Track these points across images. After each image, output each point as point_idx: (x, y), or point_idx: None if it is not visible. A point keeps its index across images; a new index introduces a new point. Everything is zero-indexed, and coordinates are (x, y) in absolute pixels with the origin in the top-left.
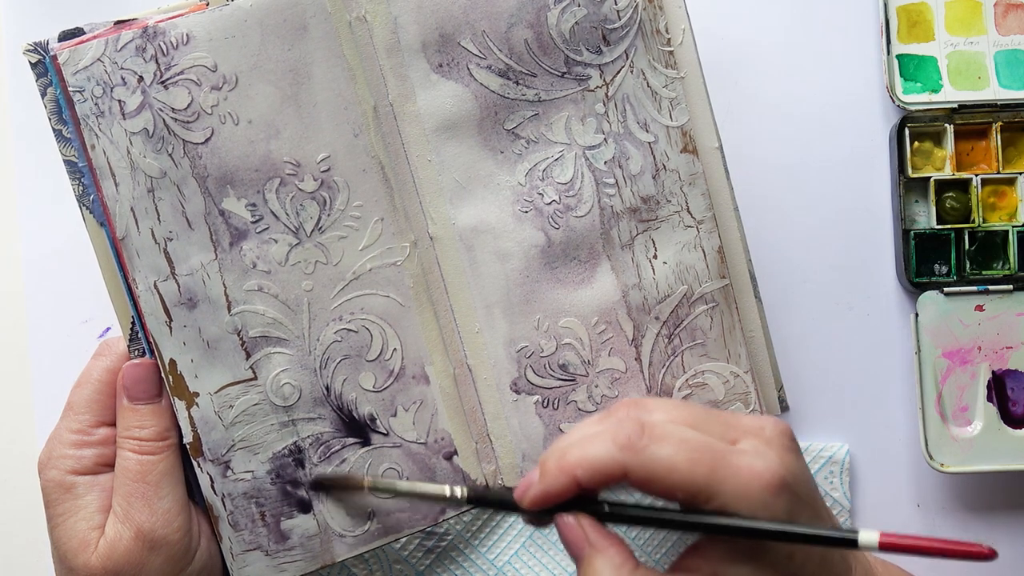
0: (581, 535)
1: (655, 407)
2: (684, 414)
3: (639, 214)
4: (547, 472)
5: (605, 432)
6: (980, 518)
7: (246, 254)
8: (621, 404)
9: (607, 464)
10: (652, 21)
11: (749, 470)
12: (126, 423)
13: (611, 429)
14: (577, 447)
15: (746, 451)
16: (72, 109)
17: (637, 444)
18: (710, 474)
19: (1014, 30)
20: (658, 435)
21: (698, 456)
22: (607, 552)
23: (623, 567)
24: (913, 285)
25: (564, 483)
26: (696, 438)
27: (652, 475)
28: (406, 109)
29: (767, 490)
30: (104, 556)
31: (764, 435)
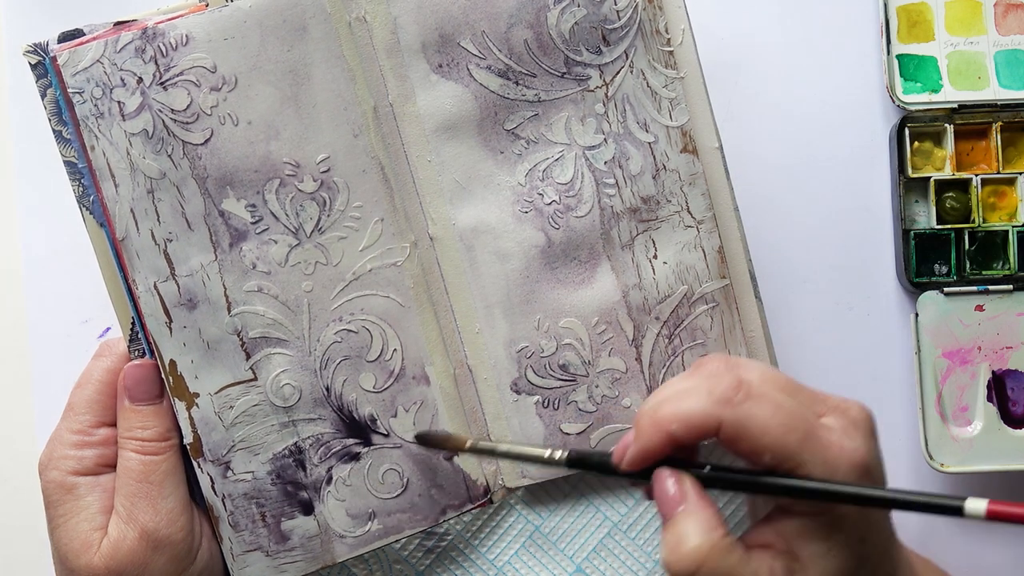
0: (678, 494)
1: (750, 367)
2: (778, 378)
3: (639, 214)
4: (642, 430)
5: (700, 386)
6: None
7: (246, 255)
8: (712, 359)
9: (701, 417)
10: (652, 21)
11: (839, 447)
12: (128, 424)
13: (707, 383)
14: (670, 402)
15: (834, 428)
16: (72, 110)
17: (734, 399)
18: (802, 442)
19: (1014, 30)
20: (756, 394)
21: (792, 423)
22: (701, 514)
23: (714, 532)
24: (913, 285)
25: (659, 440)
26: (791, 404)
27: (745, 433)
28: (406, 109)
29: (853, 469)
30: (107, 556)
31: (850, 415)
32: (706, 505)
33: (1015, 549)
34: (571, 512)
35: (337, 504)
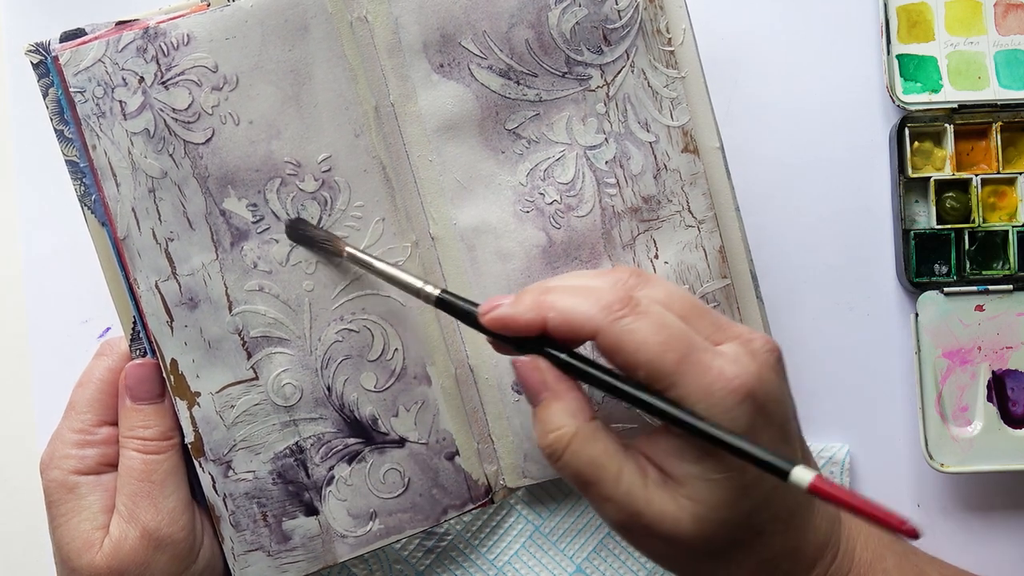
0: (539, 379)
1: (654, 284)
2: (679, 302)
3: (640, 214)
4: (521, 301)
5: (593, 290)
6: (980, 518)
7: (247, 254)
8: (625, 269)
9: (580, 321)
10: (653, 21)
11: (718, 371)
12: (130, 423)
13: (599, 289)
14: (561, 293)
15: (724, 354)
16: (73, 109)
17: (617, 312)
18: (677, 363)
19: (1014, 30)
20: (641, 310)
21: (672, 343)
22: (565, 397)
23: (579, 415)
24: (913, 285)
25: (531, 319)
26: (676, 326)
27: (620, 346)
28: (407, 109)
29: (730, 395)
30: (109, 556)
31: (751, 345)
32: (568, 389)
33: (1016, 549)
34: (571, 512)
35: (338, 504)
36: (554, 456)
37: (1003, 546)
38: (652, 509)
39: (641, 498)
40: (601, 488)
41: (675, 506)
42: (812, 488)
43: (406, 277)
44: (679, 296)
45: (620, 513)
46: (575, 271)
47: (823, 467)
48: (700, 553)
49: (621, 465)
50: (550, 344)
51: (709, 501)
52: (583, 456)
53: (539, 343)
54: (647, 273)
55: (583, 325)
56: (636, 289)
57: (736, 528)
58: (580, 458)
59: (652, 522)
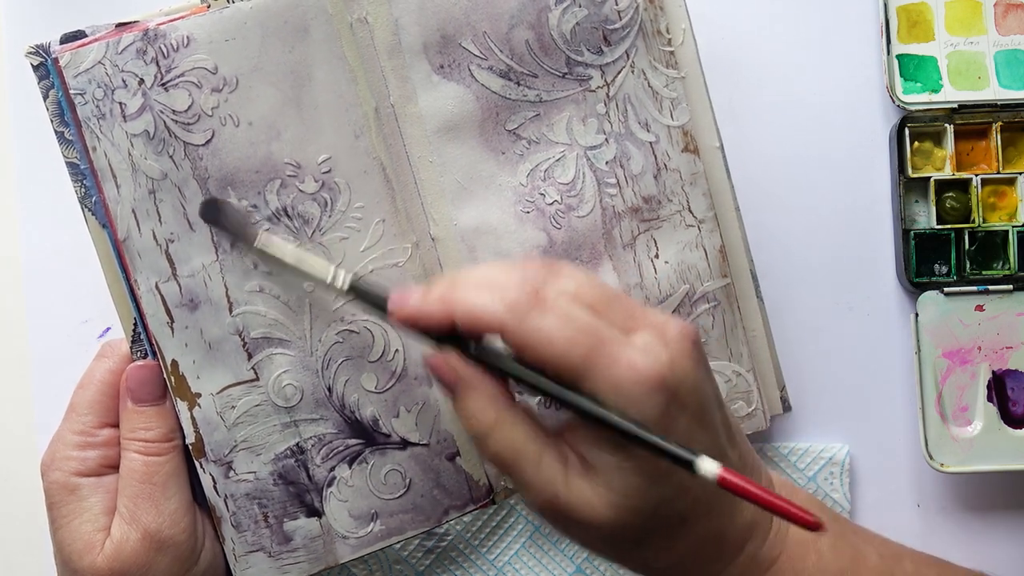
0: (451, 373)
1: (565, 277)
2: (590, 293)
3: (640, 214)
4: (429, 299)
5: (499, 287)
6: (980, 518)
7: (247, 255)
8: (535, 262)
9: (486, 319)
10: (653, 21)
11: (628, 362)
12: (131, 425)
13: (506, 286)
14: (468, 289)
15: (634, 344)
16: (74, 111)
17: (522, 310)
18: (586, 358)
19: (1014, 30)
20: (548, 307)
21: (579, 338)
22: (480, 386)
23: (497, 401)
24: (913, 285)
25: (438, 316)
26: (584, 320)
27: (527, 344)
28: (407, 110)
29: (640, 385)
30: (110, 558)
31: (665, 335)
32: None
33: (1016, 549)
34: None
35: (339, 505)
36: (477, 442)
37: (1003, 546)
38: (571, 496)
39: (560, 484)
40: (522, 473)
41: (591, 493)
42: (719, 481)
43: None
44: (590, 287)
45: (540, 498)
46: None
47: (823, 467)
48: (620, 540)
49: (541, 451)
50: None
51: (624, 489)
52: (503, 442)
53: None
54: (559, 264)
55: (488, 322)
56: (545, 283)
57: (653, 515)
58: (500, 444)
59: (570, 509)
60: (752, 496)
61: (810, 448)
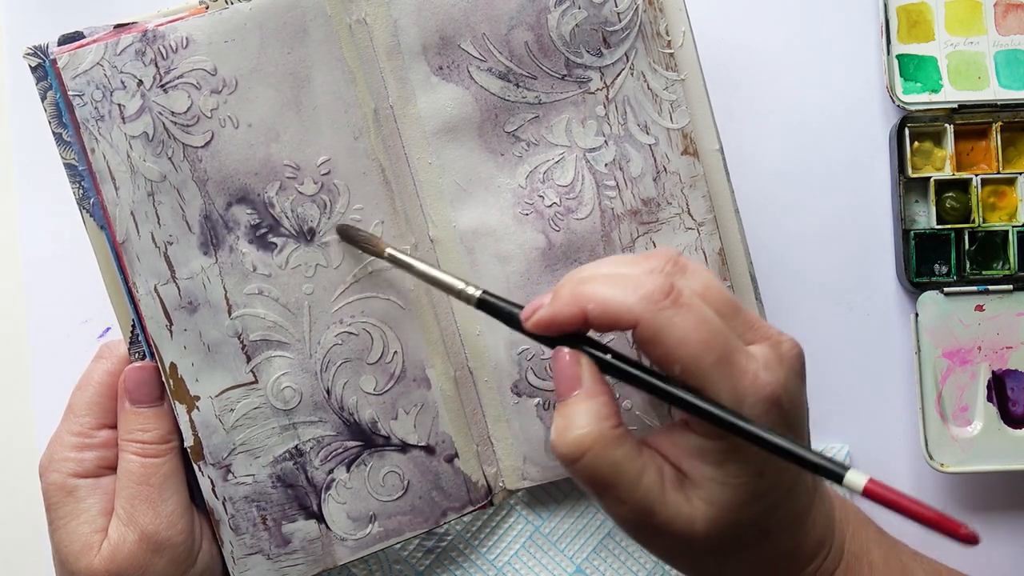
0: (576, 374)
1: (692, 274)
2: (716, 294)
3: (640, 216)
4: (559, 298)
5: (632, 278)
6: (980, 518)
7: (246, 258)
8: (662, 252)
9: (621, 311)
10: (652, 23)
11: (753, 376)
12: (128, 426)
13: (639, 278)
14: (598, 282)
15: (757, 357)
16: (72, 113)
17: (660, 303)
18: (716, 363)
19: (1014, 30)
20: (683, 303)
21: (712, 341)
22: (597, 399)
23: (605, 421)
24: (913, 285)
25: (572, 313)
26: (717, 324)
27: (660, 339)
28: (406, 112)
29: (762, 402)
30: (107, 559)
31: (780, 349)
32: (602, 392)
33: (1016, 549)
34: (571, 513)
35: (338, 507)
36: (572, 456)
37: (1003, 546)
38: (667, 511)
39: (658, 500)
40: (619, 492)
41: (689, 508)
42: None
43: (446, 278)
44: (716, 290)
45: (634, 514)
46: (610, 256)
47: None
48: (707, 552)
49: (642, 469)
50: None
51: (725, 504)
52: (605, 460)
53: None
54: (684, 259)
55: (623, 316)
56: (675, 277)
57: (746, 529)
58: (602, 461)
59: (665, 523)
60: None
61: None
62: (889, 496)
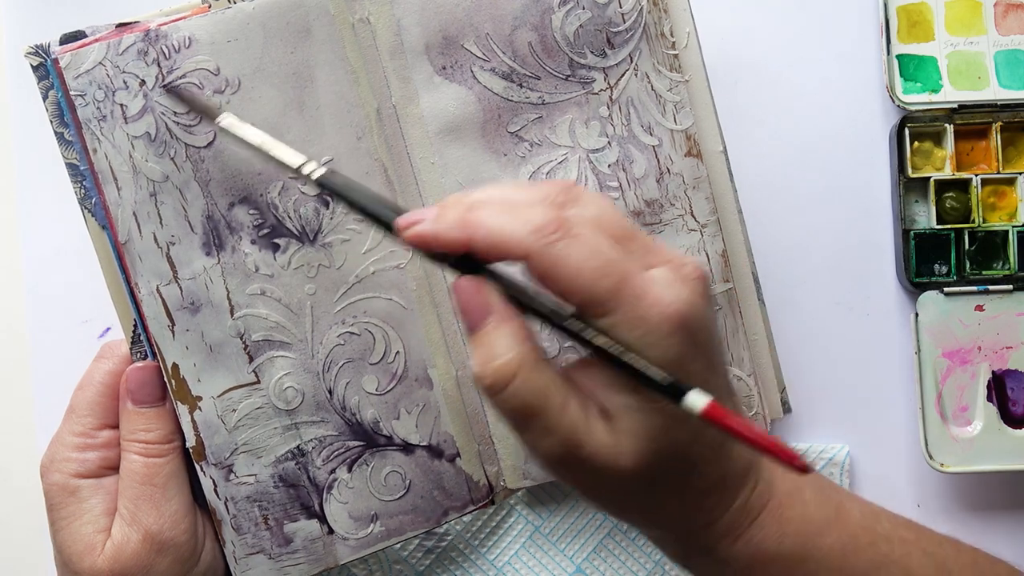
0: (485, 300)
1: (585, 202)
2: (611, 221)
3: (643, 217)
4: (444, 218)
5: (523, 208)
6: (980, 518)
7: (248, 258)
8: (557, 186)
9: (511, 244)
10: (657, 24)
11: (654, 297)
12: (131, 426)
13: (530, 209)
14: (489, 210)
15: (657, 279)
16: (74, 113)
17: (548, 235)
18: (613, 290)
19: (1014, 30)
20: (574, 233)
21: (607, 268)
22: (512, 323)
23: (528, 343)
24: (913, 285)
25: (456, 238)
26: (610, 251)
27: (554, 272)
28: (409, 111)
29: (666, 322)
30: (111, 559)
31: (681, 271)
32: (514, 315)
33: (1016, 549)
34: (571, 512)
35: (340, 506)
36: (497, 386)
37: (1003, 546)
38: (593, 441)
39: (583, 430)
40: (546, 420)
41: (613, 439)
42: (705, 414)
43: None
44: (610, 216)
45: (560, 447)
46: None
47: (823, 468)
48: (634, 488)
49: (566, 396)
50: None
51: (645, 432)
52: (531, 385)
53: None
54: (578, 188)
55: (513, 248)
56: (567, 207)
57: (671, 459)
58: (528, 387)
59: (591, 455)
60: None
61: (810, 449)
62: (727, 421)
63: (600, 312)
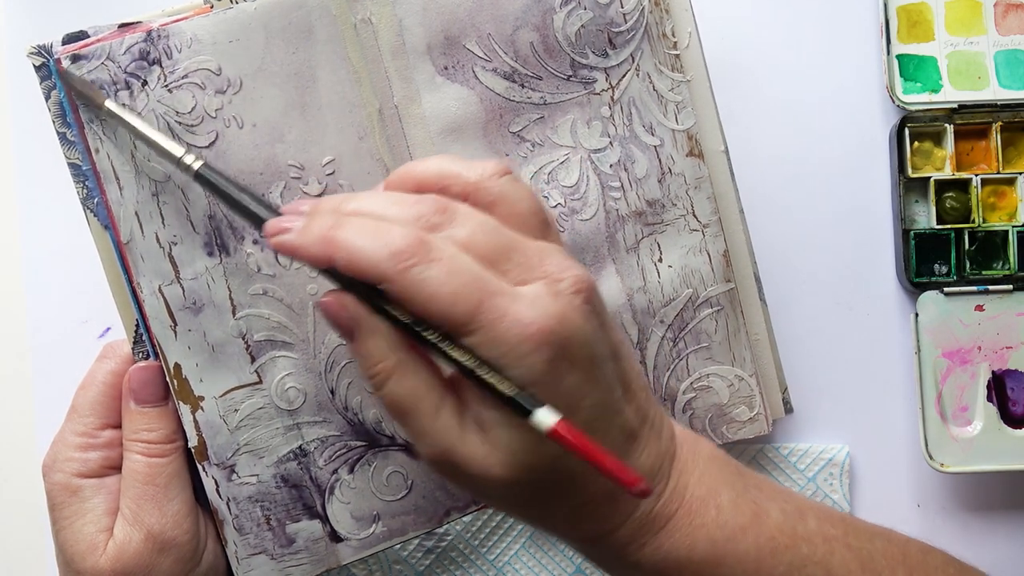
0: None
1: (459, 223)
2: (484, 240)
3: (644, 217)
4: (309, 232)
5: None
6: (980, 518)
7: (251, 258)
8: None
9: (368, 267)
10: (658, 24)
11: (513, 316)
12: (133, 426)
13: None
14: (351, 230)
15: (524, 296)
16: (76, 112)
17: (406, 261)
18: (471, 312)
19: (1014, 30)
20: (434, 257)
21: (465, 291)
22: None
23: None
24: (913, 285)
25: (318, 254)
26: (471, 272)
27: (410, 297)
28: (411, 112)
29: (526, 341)
30: (113, 559)
31: (556, 286)
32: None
33: (1016, 549)
34: None
35: (342, 507)
36: (376, 388)
37: (1003, 546)
38: (464, 450)
39: (455, 437)
40: (418, 421)
41: (483, 451)
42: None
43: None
44: (484, 234)
45: (433, 449)
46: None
47: (823, 468)
48: (512, 497)
49: (440, 401)
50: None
51: (514, 447)
52: (403, 387)
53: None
54: (454, 205)
55: (369, 272)
56: (438, 228)
57: (545, 473)
58: (400, 388)
59: (463, 463)
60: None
61: (810, 449)
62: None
63: (463, 332)
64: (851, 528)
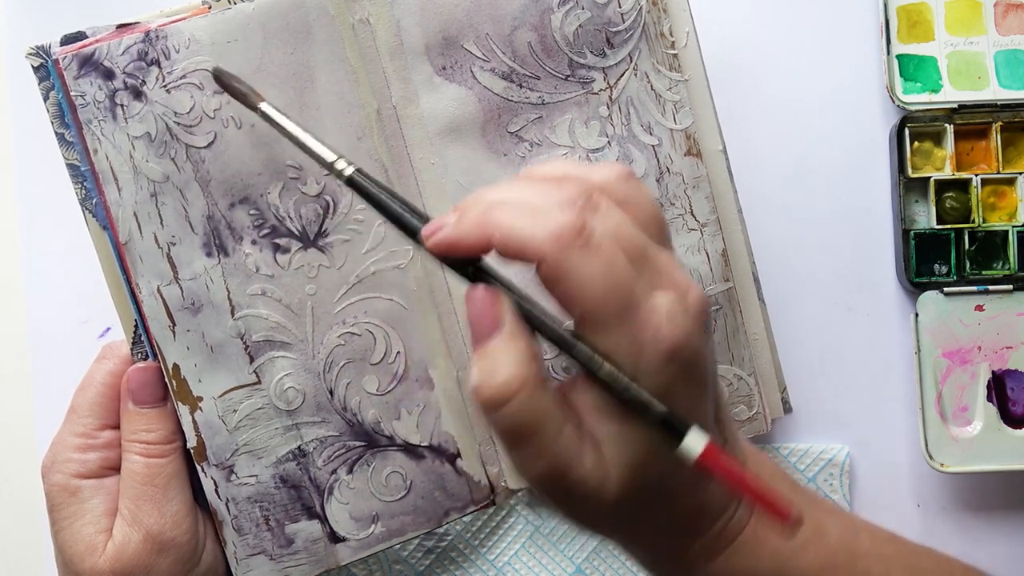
0: (497, 314)
1: (606, 212)
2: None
3: None
4: (464, 221)
5: (543, 212)
6: (980, 518)
7: (249, 258)
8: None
9: (528, 246)
10: (656, 24)
11: (654, 328)
12: (132, 427)
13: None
14: (508, 212)
15: (661, 308)
16: (74, 113)
17: (568, 243)
18: (617, 313)
19: (1014, 30)
20: (593, 245)
21: (618, 289)
22: (521, 342)
23: (533, 364)
24: (913, 285)
25: (477, 239)
26: (624, 271)
27: (564, 281)
28: (409, 112)
29: (661, 355)
30: (112, 559)
31: (686, 299)
32: (524, 334)
33: (1016, 549)
34: None
35: (341, 507)
36: (495, 403)
37: (1003, 546)
38: (582, 469)
39: (574, 456)
40: (539, 444)
41: (600, 468)
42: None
43: (319, 148)
44: (627, 232)
45: (548, 470)
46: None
47: (822, 468)
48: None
49: (562, 421)
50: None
51: (631, 463)
52: (531, 406)
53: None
54: (598, 195)
55: (528, 250)
56: (587, 213)
57: (653, 489)
58: (527, 408)
59: (578, 482)
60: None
61: (810, 449)
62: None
63: (600, 330)
64: (902, 547)
